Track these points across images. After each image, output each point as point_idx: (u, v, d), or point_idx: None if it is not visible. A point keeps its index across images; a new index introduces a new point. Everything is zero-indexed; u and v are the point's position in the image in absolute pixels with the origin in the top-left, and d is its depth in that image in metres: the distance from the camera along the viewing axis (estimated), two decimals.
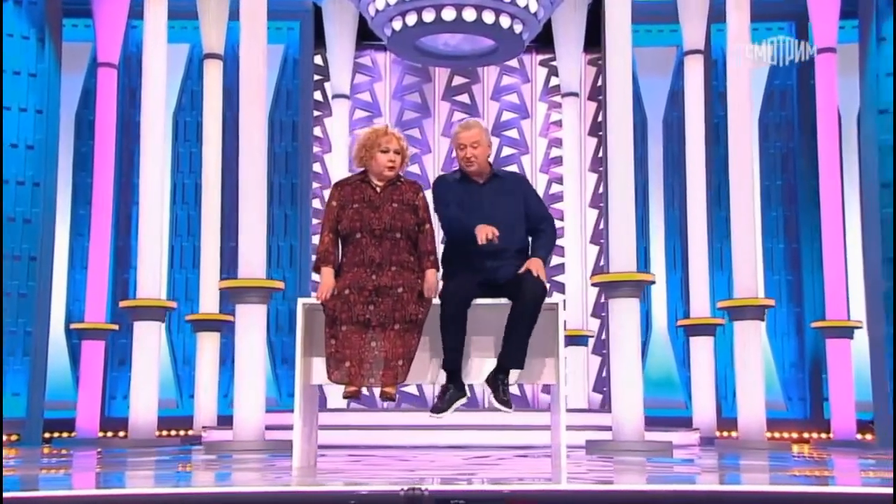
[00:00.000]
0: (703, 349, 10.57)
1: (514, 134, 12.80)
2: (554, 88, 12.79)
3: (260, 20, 8.47)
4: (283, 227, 11.90)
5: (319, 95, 12.53)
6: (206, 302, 10.84)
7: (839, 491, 4.29)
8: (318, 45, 12.23)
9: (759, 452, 8.20)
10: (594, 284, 9.53)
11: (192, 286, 11.41)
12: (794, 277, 11.74)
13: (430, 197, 5.20)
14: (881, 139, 10.75)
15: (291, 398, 11.22)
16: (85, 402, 10.46)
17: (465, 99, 12.85)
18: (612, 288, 8.07)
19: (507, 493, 3.96)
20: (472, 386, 5.20)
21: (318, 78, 12.45)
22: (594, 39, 11.90)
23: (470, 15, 9.73)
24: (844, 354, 10.22)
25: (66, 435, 10.50)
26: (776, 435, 10.62)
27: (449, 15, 9.73)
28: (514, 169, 11.85)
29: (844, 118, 11.20)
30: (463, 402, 4.94)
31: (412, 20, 9.89)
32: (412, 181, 5.23)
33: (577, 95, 12.39)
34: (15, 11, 10.59)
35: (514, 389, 5.00)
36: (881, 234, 10.55)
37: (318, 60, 12.42)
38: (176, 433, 10.71)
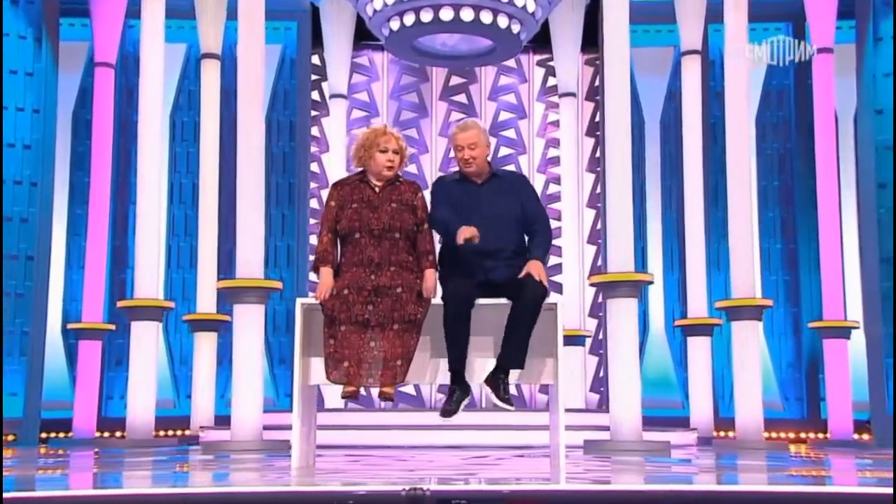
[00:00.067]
0: (700, 349, 10.59)
1: (511, 134, 12.81)
2: (551, 88, 12.79)
3: (258, 20, 8.47)
4: (280, 226, 11.89)
5: (317, 95, 12.53)
6: (203, 302, 10.84)
7: (837, 491, 4.30)
8: (315, 45, 12.24)
9: (756, 452, 8.21)
10: (592, 284, 9.54)
11: (189, 286, 11.40)
12: (791, 278, 11.75)
13: (429, 197, 5.20)
14: (878, 139, 10.79)
15: (289, 398, 11.33)
16: (82, 402, 10.44)
17: (462, 99, 12.86)
18: (609, 288, 8.07)
19: (507, 493, 3.96)
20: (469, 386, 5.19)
21: (315, 78, 12.45)
22: (591, 40, 11.92)
23: (467, 15, 9.74)
24: (841, 354, 10.22)
25: (62, 435, 10.48)
26: (773, 435, 10.63)
27: (446, 15, 9.74)
28: (511, 169, 11.84)
29: (841, 118, 11.20)
30: (467, 401, 4.94)
31: (410, 20, 9.90)
32: (411, 181, 5.23)
33: (574, 95, 12.39)
34: (12, 11, 10.57)
35: (511, 389, 4.98)
36: (878, 234, 10.58)
37: (315, 60, 12.42)
38: (173, 433, 10.69)
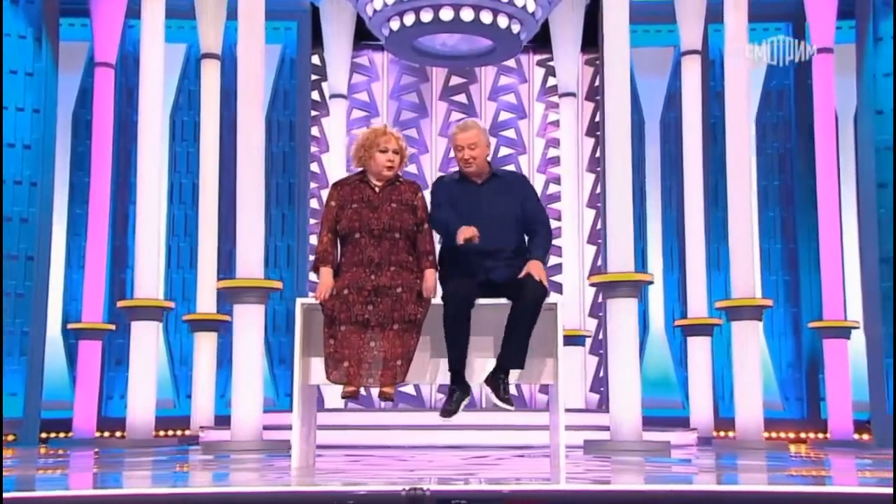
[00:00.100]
0: (700, 349, 10.58)
1: (511, 134, 12.80)
2: (551, 88, 12.79)
3: (258, 20, 8.47)
4: (280, 227, 11.89)
5: (317, 95, 12.53)
6: (203, 302, 10.83)
7: (837, 491, 4.30)
8: (315, 44, 12.23)
9: (756, 452, 8.21)
10: (592, 284, 9.54)
11: (189, 286, 11.40)
12: (791, 278, 11.75)
13: (429, 197, 5.20)
14: (878, 139, 10.79)
15: (288, 398, 11.33)
16: (82, 402, 10.44)
17: (462, 99, 12.85)
18: (609, 288, 8.07)
19: (508, 493, 3.96)
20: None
21: (315, 78, 12.45)
22: (591, 40, 11.92)
23: (468, 15, 9.74)
24: (841, 354, 10.22)
25: (62, 435, 10.47)
26: (773, 435, 10.64)
27: (447, 15, 9.74)
28: (511, 169, 11.83)
29: (841, 118, 11.20)
30: (467, 401, 4.94)
31: (410, 20, 9.90)
32: (411, 181, 5.23)
33: (574, 95, 12.39)
34: (12, 10, 10.57)
35: (511, 389, 4.98)
36: (878, 234, 10.58)
37: (315, 60, 12.42)
38: (173, 433, 10.69)
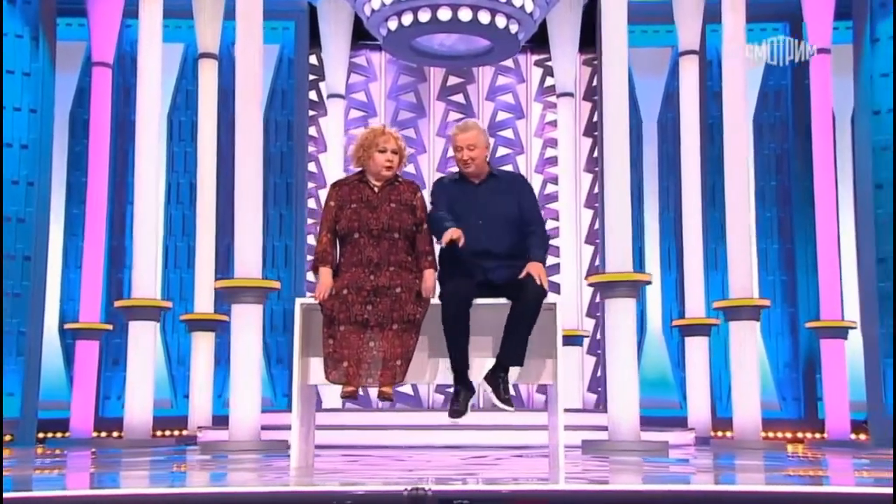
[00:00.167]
0: (698, 349, 10.59)
1: (509, 134, 12.80)
2: (549, 88, 12.79)
3: (256, 20, 8.46)
4: (278, 226, 11.88)
5: (314, 95, 12.52)
6: (200, 302, 10.82)
7: (834, 491, 4.31)
8: (313, 44, 12.23)
9: (754, 452, 8.21)
10: (590, 285, 9.52)
11: (186, 286, 11.39)
12: (788, 278, 11.76)
13: (429, 198, 5.20)
14: (875, 140, 10.79)
15: (286, 398, 11.33)
16: (79, 402, 10.43)
17: (460, 99, 12.85)
18: (608, 288, 8.08)
19: (511, 493, 3.95)
20: None
21: (313, 78, 12.44)
22: (589, 40, 11.93)
23: (465, 15, 9.75)
24: (838, 354, 10.24)
25: (59, 435, 10.46)
26: (770, 435, 10.64)
27: (444, 15, 9.74)
28: (509, 169, 11.83)
29: (839, 119, 11.22)
30: (473, 400, 4.94)
31: (408, 20, 9.90)
32: (410, 181, 5.23)
33: (572, 96, 12.39)
34: (9, 10, 10.55)
35: (510, 390, 4.98)
36: (875, 234, 10.59)
37: (313, 60, 12.41)
38: (170, 433, 10.68)
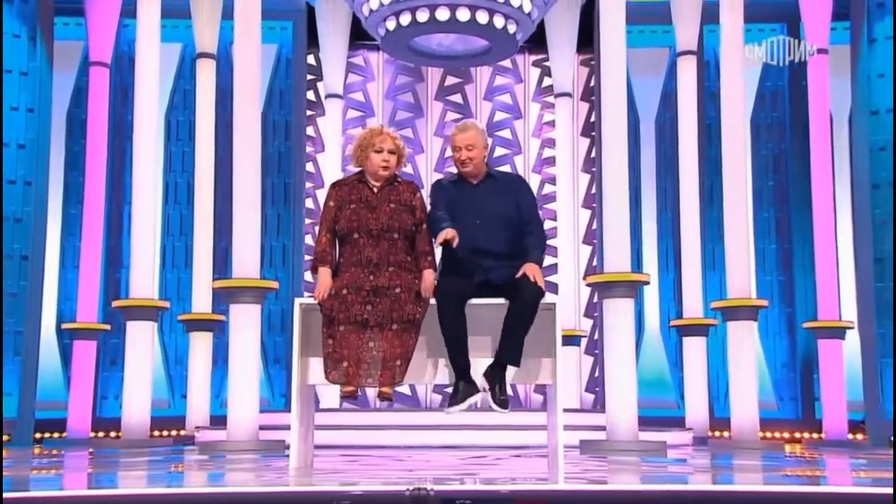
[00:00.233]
0: (695, 349, 10.60)
1: (506, 134, 12.80)
2: (547, 89, 12.79)
3: (254, 19, 8.46)
4: (275, 226, 11.87)
5: (312, 95, 12.51)
6: (198, 302, 10.81)
7: (832, 491, 4.31)
8: (311, 44, 12.22)
9: (751, 452, 8.22)
10: (589, 285, 9.53)
11: (184, 286, 11.38)
12: (785, 278, 11.77)
13: (428, 199, 5.20)
14: (872, 140, 10.80)
15: (284, 398, 11.32)
16: (76, 402, 10.41)
17: (458, 99, 12.85)
18: (606, 288, 8.08)
19: (513, 492, 3.95)
20: None
21: (311, 77, 12.43)
22: (587, 40, 11.93)
23: (464, 15, 9.75)
24: (836, 355, 10.25)
25: (57, 435, 10.45)
26: (767, 435, 10.66)
27: (443, 15, 9.75)
28: (507, 169, 11.84)
29: (836, 119, 11.24)
30: (478, 397, 4.88)
31: (406, 20, 9.90)
32: (410, 181, 5.23)
33: (569, 96, 12.40)
34: (6, 9, 10.52)
35: (507, 390, 4.97)
36: (873, 234, 10.60)
37: (311, 60, 12.40)
38: (168, 433, 10.67)
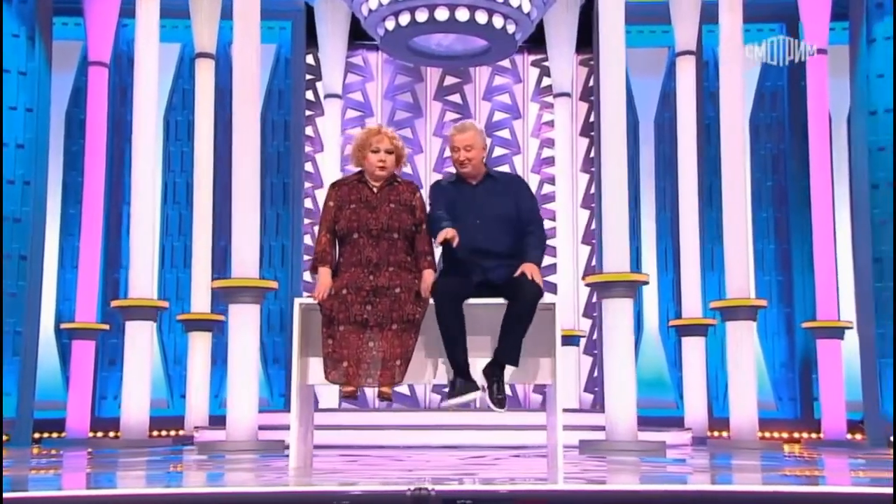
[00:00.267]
0: (694, 349, 10.60)
1: (505, 134, 12.80)
2: (546, 89, 12.80)
3: (253, 19, 8.45)
4: (274, 226, 11.87)
5: (311, 95, 12.51)
6: (197, 301, 10.80)
7: (830, 491, 4.31)
8: (310, 44, 12.22)
9: (750, 452, 8.22)
10: (588, 285, 9.53)
11: (183, 286, 11.37)
12: (784, 278, 11.78)
13: (428, 200, 5.21)
14: (871, 140, 10.81)
15: (283, 398, 11.32)
16: (75, 402, 10.40)
17: (456, 99, 12.85)
18: (605, 288, 8.07)
19: (514, 492, 3.95)
20: None
21: (310, 77, 12.43)
22: (586, 40, 11.93)
23: (463, 15, 9.75)
24: (835, 355, 10.25)
25: (55, 435, 10.44)
26: (766, 435, 10.67)
27: (442, 15, 9.75)
28: (505, 169, 11.84)
29: (835, 119, 11.25)
30: (476, 395, 4.86)
31: (405, 20, 9.90)
32: (409, 181, 5.24)
33: (568, 96, 12.40)
34: (5, 9, 10.51)
35: (506, 390, 4.97)
36: (871, 234, 10.61)
37: (310, 60, 12.40)
38: (167, 433, 10.67)
